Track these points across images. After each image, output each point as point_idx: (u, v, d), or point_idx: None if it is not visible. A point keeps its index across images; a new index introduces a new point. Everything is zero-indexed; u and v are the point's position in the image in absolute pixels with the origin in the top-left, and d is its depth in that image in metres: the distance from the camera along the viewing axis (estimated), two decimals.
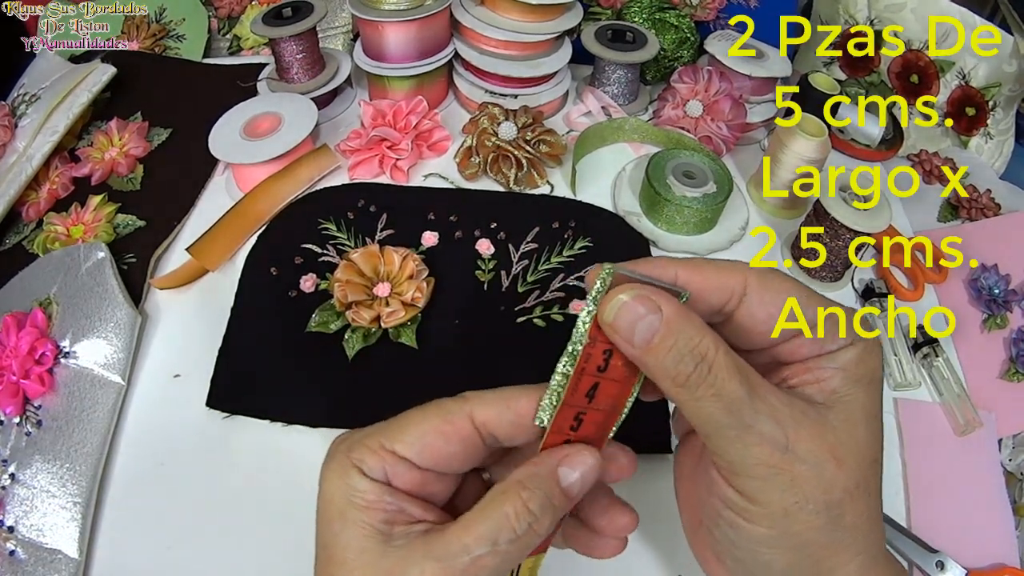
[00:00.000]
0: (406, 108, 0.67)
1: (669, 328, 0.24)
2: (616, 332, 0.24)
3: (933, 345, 0.55)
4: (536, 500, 0.25)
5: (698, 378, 0.24)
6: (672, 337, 0.24)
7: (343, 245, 0.58)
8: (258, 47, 0.80)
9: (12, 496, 0.46)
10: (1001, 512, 0.49)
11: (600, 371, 0.26)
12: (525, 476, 0.26)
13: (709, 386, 0.24)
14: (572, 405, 0.26)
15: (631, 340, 0.24)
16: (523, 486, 0.25)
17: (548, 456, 0.27)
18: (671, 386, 0.25)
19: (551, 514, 0.25)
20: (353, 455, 0.26)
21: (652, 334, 0.24)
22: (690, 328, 0.24)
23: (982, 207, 0.67)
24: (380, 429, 0.27)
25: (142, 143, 0.66)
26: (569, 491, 0.26)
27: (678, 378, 0.24)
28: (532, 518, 0.25)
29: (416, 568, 0.24)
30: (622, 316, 0.24)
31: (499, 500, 0.25)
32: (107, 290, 0.52)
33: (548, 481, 0.26)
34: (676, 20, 0.76)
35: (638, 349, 0.24)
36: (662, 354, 0.24)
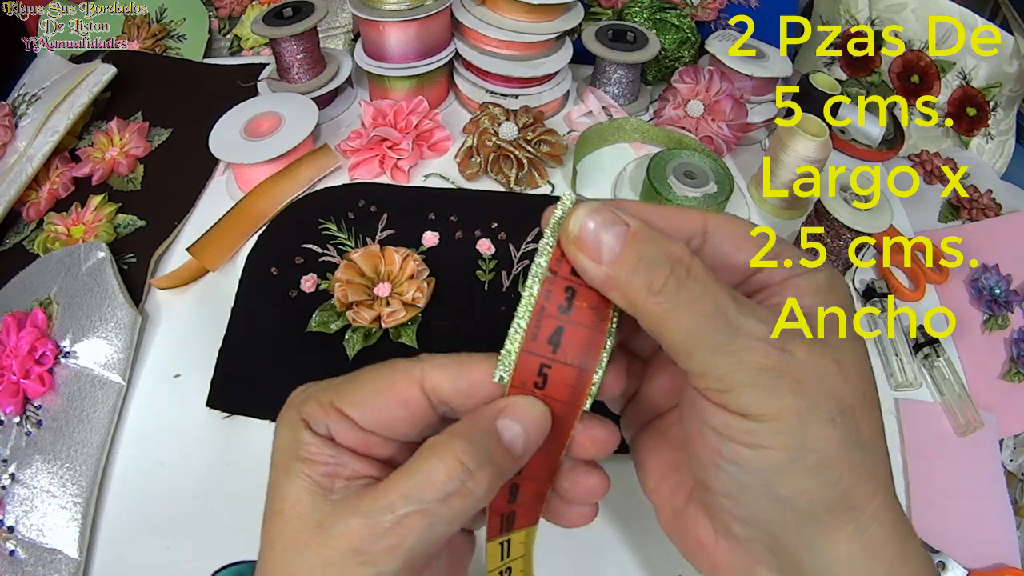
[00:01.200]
0: (407, 108, 0.67)
1: (637, 236, 0.22)
2: (581, 246, 0.22)
3: (934, 345, 0.55)
4: (471, 454, 0.22)
5: (676, 281, 0.22)
6: (641, 245, 0.22)
7: (344, 245, 0.58)
8: (259, 47, 0.80)
9: (12, 496, 0.46)
10: (1002, 512, 0.49)
11: (563, 311, 0.23)
12: (460, 428, 0.24)
13: (689, 288, 0.22)
14: (534, 353, 0.23)
15: (598, 253, 0.22)
16: (456, 438, 0.23)
17: (488, 408, 0.24)
18: (646, 297, 0.22)
19: (490, 472, 0.23)
20: (303, 409, 0.25)
21: (621, 244, 0.22)
22: (659, 236, 0.23)
23: (983, 207, 0.67)
24: (334, 385, 0.25)
25: (142, 143, 0.66)
26: (511, 447, 0.24)
27: (654, 284, 0.22)
28: (465, 474, 0.22)
29: (342, 523, 0.22)
30: (588, 227, 0.22)
31: (428, 453, 0.23)
32: (107, 290, 0.52)
33: (486, 434, 0.23)
34: (677, 20, 0.76)
35: (606, 262, 0.22)
36: (633, 263, 0.22)
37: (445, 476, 0.22)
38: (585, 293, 0.24)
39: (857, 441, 0.22)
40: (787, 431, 0.22)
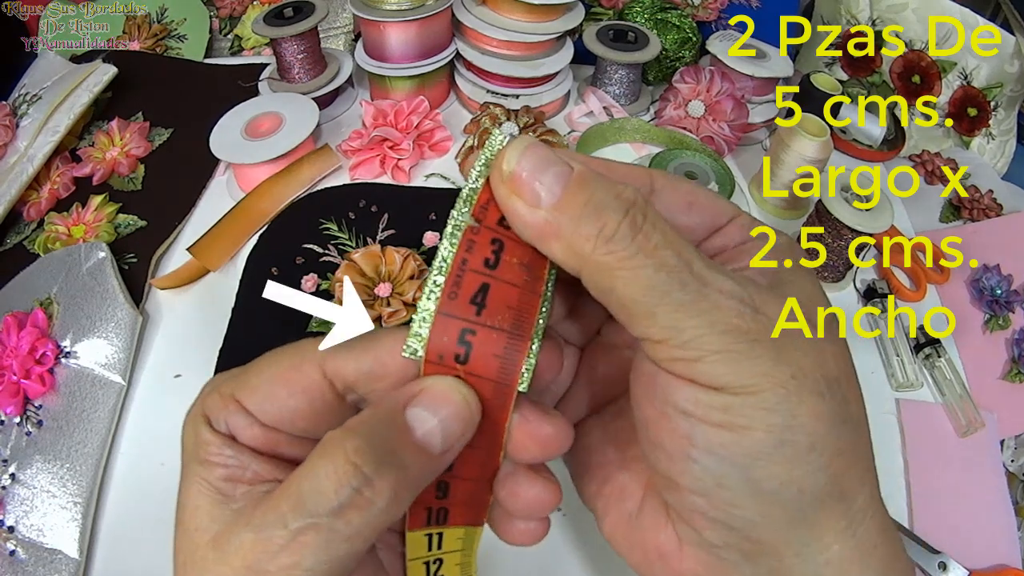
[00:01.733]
0: (407, 108, 0.67)
1: (581, 177, 0.19)
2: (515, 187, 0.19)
3: (935, 345, 0.55)
4: (366, 455, 0.18)
5: (631, 227, 0.18)
6: (587, 187, 0.19)
7: (344, 245, 0.58)
8: (259, 47, 0.80)
9: (12, 496, 0.46)
10: (1003, 513, 0.49)
11: (489, 267, 0.19)
12: (357, 421, 0.19)
13: (647, 235, 0.18)
14: (453, 315, 0.19)
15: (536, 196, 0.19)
16: (351, 434, 0.18)
17: (396, 394, 0.20)
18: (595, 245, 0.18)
19: (394, 477, 0.18)
20: (207, 402, 0.21)
21: (562, 185, 0.18)
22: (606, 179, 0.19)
23: (984, 208, 0.67)
24: (239, 372, 0.22)
25: (143, 143, 0.66)
26: (427, 444, 0.19)
27: (605, 230, 0.18)
28: (361, 481, 0.18)
29: (237, 538, 0.19)
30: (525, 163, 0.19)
31: (317, 454, 0.18)
32: (108, 290, 0.52)
33: (390, 428, 0.19)
34: (678, 20, 0.76)
35: (546, 206, 0.18)
36: (578, 207, 0.18)
37: (335, 483, 0.18)
38: (515, 247, 0.20)
39: (846, 416, 0.19)
40: (770, 405, 0.18)
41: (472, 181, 0.20)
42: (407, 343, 0.19)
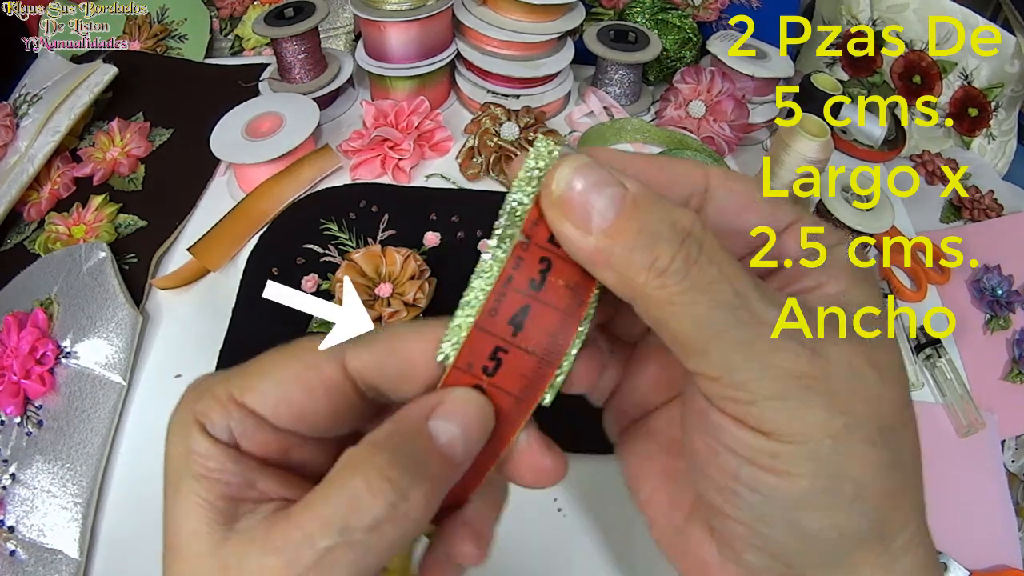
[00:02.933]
0: (408, 108, 0.67)
1: (637, 202, 0.18)
2: (566, 210, 0.18)
3: (936, 346, 0.55)
4: (400, 469, 0.18)
5: (686, 260, 0.17)
6: (642, 213, 0.18)
7: (345, 245, 0.58)
8: (260, 47, 0.80)
9: (13, 496, 0.46)
10: (1004, 513, 0.49)
11: (533, 287, 0.19)
12: (383, 436, 0.19)
13: (702, 269, 0.17)
14: (489, 332, 0.19)
15: (587, 220, 0.18)
16: (379, 449, 0.18)
17: (414, 407, 0.19)
18: (648, 278, 0.17)
19: (425, 488, 0.18)
20: (198, 406, 0.20)
21: (616, 210, 0.18)
22: (663, 203, 0.18)
23: (985, 208, 0.67)
24: (235, 373, 0.20)
25: (144, 143, 0.66)
26: (449, 452, 0.19)
27: (659, 262, 0.17)
28: (395, 495, 0.17)
29: (254, 563, 0.17)
30: (575, 187, 0.18)
31: (347, 471, 0.18)
32: (108, 290, 0.52)
33: (415, 440, 0.19)
34: (678, 20, 0.76)
35: (597, 232, 0.18)
36: (631, 235, 0.17)
37: (371, 500, 0.17)
38: (564, 267, 0.19)
39: (897, 463, 0.19)
40: (819, 456, 0.18)
41: (519, 192, 0.19)
42: (442, 348, 0.19)
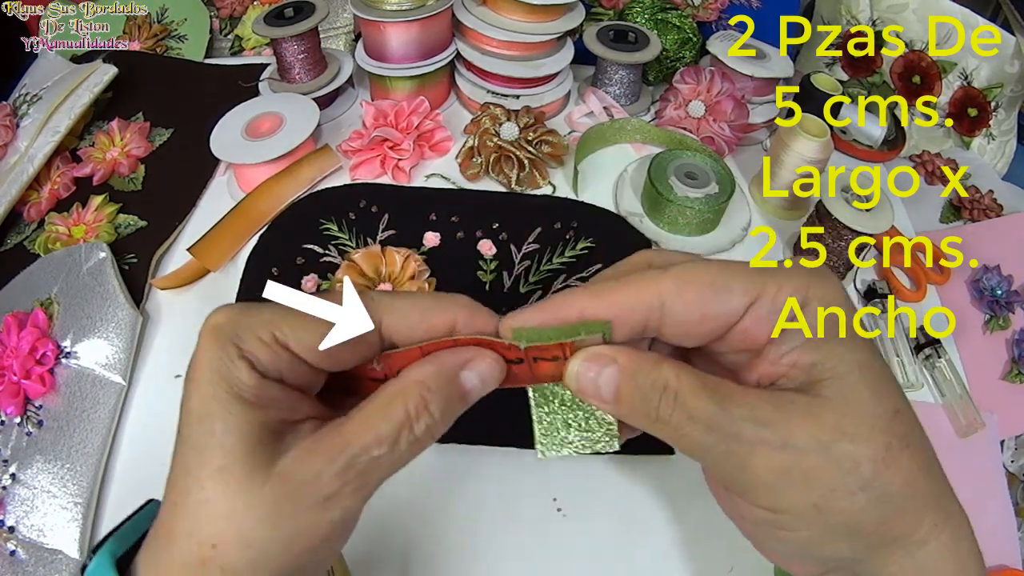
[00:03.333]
0: (408, 108, 0.67)
1: (626, 373, 0.24)
2: (586, 395, 0.25)
3: (935, 346, 0.55)
4: (437, 402, 0.24)
5: (667, 408, 0.23)
6: (633, 380, 0.24)
7: (345, 245, 0.58)
8: (260, 47, 0.80)
9: (13, 496, 0.46)
10: (1003, 513, 0.49)
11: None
12: (429, 376, 0.24)
13: (681, 412, 0.23)
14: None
15: (600, 396, 0.24)
16: (425, 386, 0.24)
17: (453, 356, 0.25)
18: (650, 425, 0.24)
19: (450, 418, 0.24)
20: (245, 346, 0.23)
21: (614, 385, 0.24)
22: (647, 365, 0.24)
23: (984, 208, 0.67)
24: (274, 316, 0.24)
25: (143, 143, 0.66)
26: (468, 396, 0.25)
27: (650, 414, 0.24)
28: (431, 419, 0.24)
29: (311, 470, 0.22)
30: (584, 380, 0.24)
31: (399, 399, 0.23)
32: (108, 290, 0.52)
33: (451, 384, 0.24)
34: (678, 20, 0.76)
35: (611, 403, 0.24)
36: (629, 399, 0.24)
37: (415, 420, 0.23)
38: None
39: (887, 495, 0.23)
40: (811, 519, 0.23)
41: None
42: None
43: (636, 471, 0.48)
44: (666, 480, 0.48)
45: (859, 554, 0.23)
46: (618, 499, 0.47)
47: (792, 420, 0.23)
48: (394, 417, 0.23)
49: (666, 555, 0.45)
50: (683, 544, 0.45)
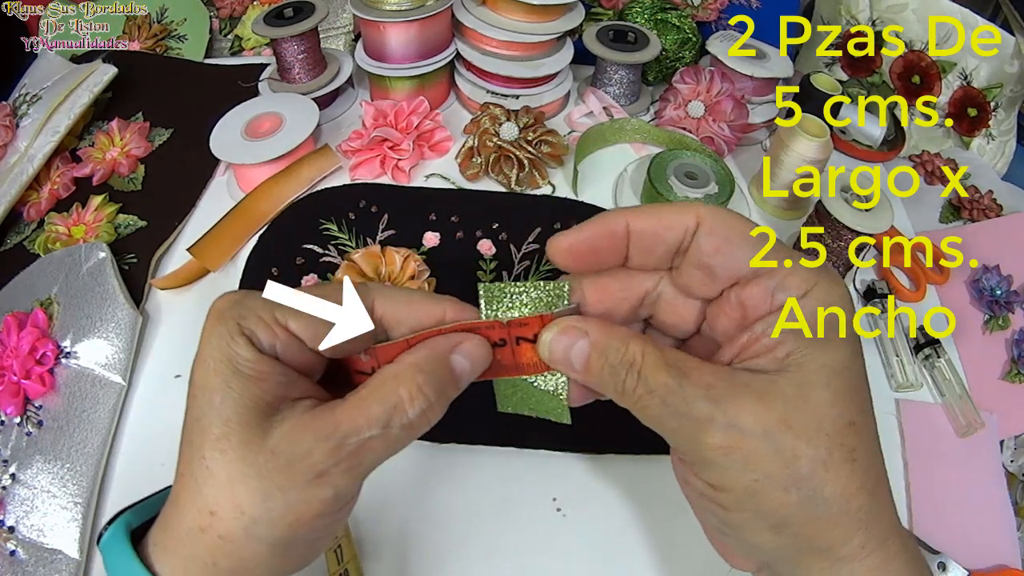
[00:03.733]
0: (407, 108, 0.67)
1: (596, 348, 0.25)
2: (558, 365, 0.26)
3: (935, 346, 0.55)
4: (431, 385, 0.24)
5: (631, 383, 0.24)
6: (602, 355, 0.25)
7: (344, 245, 0.58)
8: (259, 47, 0.80)
9: (13, 496, 0.46)
10: (1002, 513, 0.49)
11: None
12: (421, 360, 0.25)
13: (643, 387, 0.24)
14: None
15: (572, 368, 0.25)
16: (419, 369, 0.24)
17: (443, 340, 0.26)
18: (616, 395, 0.25)
19: (444, 402, 0.25)
20: (245, 324, 0.24)
21: (584, 358, 0.25)
22: (616, 341, 0.25)
23: (984, 208, 0.67)
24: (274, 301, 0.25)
25: (143, 143, 0.66)
26: (460, 379, 0.26)
27: (618, 387, 0.25)
28: (426, 403, 0.24)
29: (302, 447, 0.23)
30: (556, 350, 0.25)
31: (393, 382, 0.24)
32: (108, 290, 0.52)
33: (443, 367, 0.25)
34: (678, 21, 0.76)
35: (580, 373, 0.25)
36: (598, 372, 0.25)
37: (410, 404, 0.24)
38: None
39: (818, 499, 0.23)
40: (743, 501, 0.24)
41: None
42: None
43: (636, 471, 0.48)
44: (666, 480, 0.47)
45: (783, 551, 0.24)
46: (618, 499, 0.47)
47: (742, 402, 0.23)
48: (388, 399, 0.24)
49: (666, 555, 0.45)
50: (683, 544, 0.45)
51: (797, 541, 0.24)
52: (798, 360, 0.24)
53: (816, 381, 0.24)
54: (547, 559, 0.45)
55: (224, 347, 0.24)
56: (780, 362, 0.24)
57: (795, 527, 0.24)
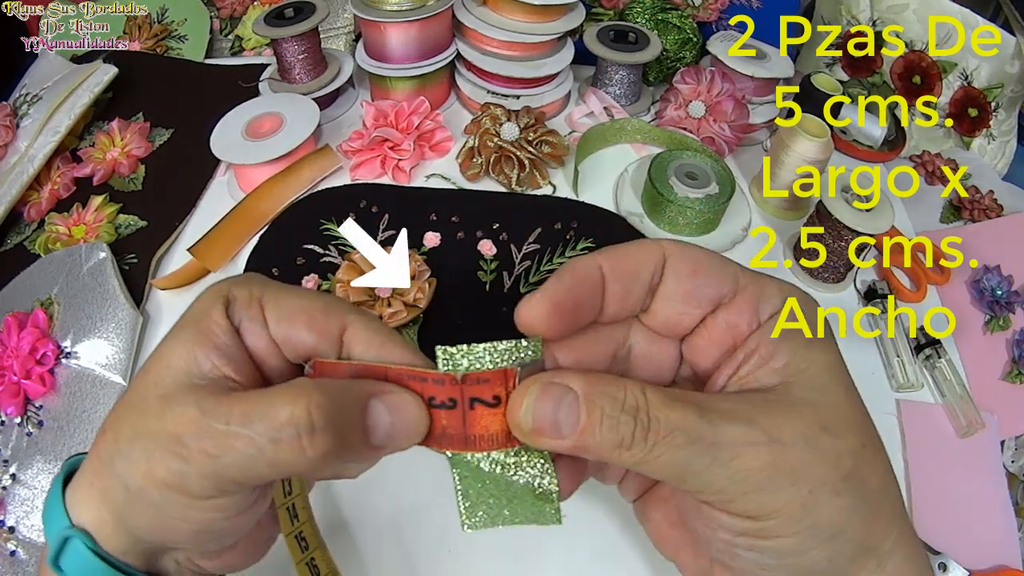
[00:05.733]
0: (408, 108, 0.67)
1: (588, 400, 0.22)
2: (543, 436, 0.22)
3: (935, 346, 0.55)
4: (324, 413, 0.21)
5: (642, 432, 0.21)
6: (596, 407, 0.21)
7: (345, 246, 0.58)
8: (260, 47, 0.80)
9: (13, 496, 0.46)
10: (1003, 514, 0.49)
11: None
12: (332, 384, 0.22)
13: (656, 431, 0.21)
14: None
15: (561, 434, 0.21)
16: (323, 391, 0.21)
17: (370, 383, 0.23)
18: (620, 454, 0.21)
19: (332, 441, 0.21)
20: (235, 291, 0.24)
21: (575, 415, 0.21)
22: (610, 387, 0.22)
23: (984, 208, 0.67)
24: (270, 283, 0.25)
25: (144, 143, 0.66)
26: (372, 433, 0.22)
27: (624, 442, 0.21)
28: (306, 428, 0.20)
29: (181, 407, 0.22)
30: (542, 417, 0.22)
31: (288, 388, 0.22)
32: (108, 290, 0.52)
33: (352, 405, 0.22)
34: (678, 21, 0.76)
35: (570, 439, 0.21)
36: (597, 429, 0.21)
37: (286, 418, 0.21)
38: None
39: (865, 496, 0.22)
40: (796, 520, 0.21)
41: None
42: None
43: None
44: None
45: (837, 562, 0.22)
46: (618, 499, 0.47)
47: (773, 416, 0.22)
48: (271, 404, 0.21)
49: None
50: None
51: (851, 547, 0.22)
52: (800, 366, 0.23)
53: (827, 380, 0.23)
54: (547, 559, 0.44)
55: (207, 303, 0.24)
56: (781, 372, 0.23)
57: (850, 531, 0.22)
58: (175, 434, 0.21)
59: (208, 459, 0.21)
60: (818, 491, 0.21)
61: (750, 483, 0.21)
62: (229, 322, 0.24)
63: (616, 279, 0.24)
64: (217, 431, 0.21)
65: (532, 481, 0.23)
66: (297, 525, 0.29)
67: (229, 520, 0.23)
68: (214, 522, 0.23)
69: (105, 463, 0.23)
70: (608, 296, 0.24)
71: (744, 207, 0.65)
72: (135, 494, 0.22)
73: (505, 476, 0.23)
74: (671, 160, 0.63)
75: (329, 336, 0.24)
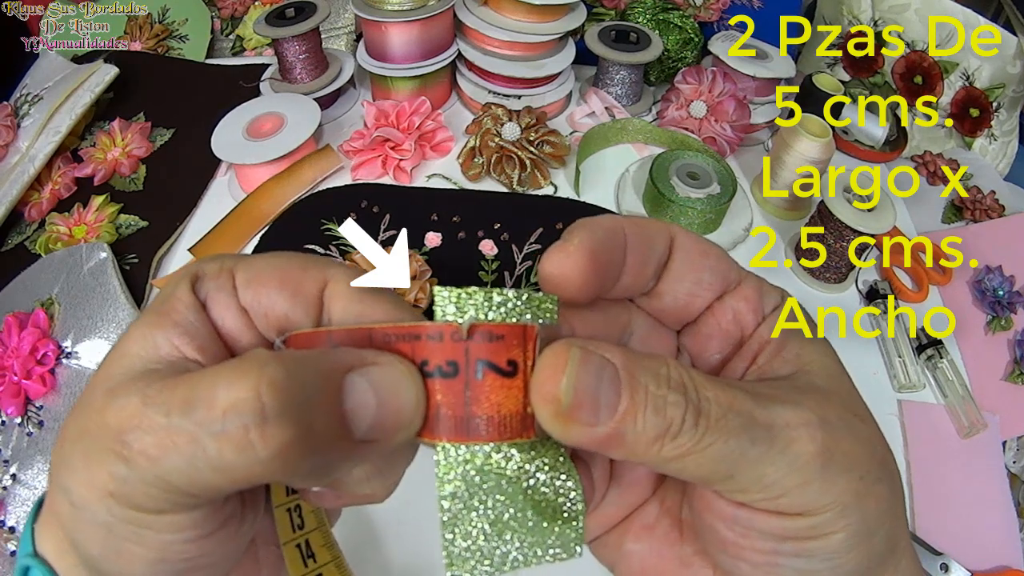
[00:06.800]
0: (409, 108, 0.67)
1: (632, 375, 0.17)
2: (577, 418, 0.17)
3: (937, 346, 0.55)
4: (278, 395, 0.15)
5: (693, 415, 0.17)
6: (641, 385, 0.17)
7: (346, 246, 0.58)
8: (261, 47, 0.80)
9: (14, 496, 0.46)
10: (1005, 514, 0.49)
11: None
12: (291, 356, 0.16)
13: (709, 416, 0.17)
14: None
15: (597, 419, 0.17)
16: (275, 364, 0.16)
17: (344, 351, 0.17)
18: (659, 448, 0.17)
19: (292, 433, 0.15)
20: (203, 265, 0.20)
21: (616, 393, 0.17)
22: (651, 361, 0.18)
23: (986, 208, 0.67)
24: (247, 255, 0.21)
25: (144, 143, 0.66)
26: (350, 419, 0.16)
27: (672, 429, 0.17)
28: (254, 418, 0.15)
29: (124, 399, 0.17)
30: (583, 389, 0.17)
31: (233, 363, 0.16)
32: (109, 290, 0.52)
33: (323, 384, 0.16)
34: (680, 21, 0.76)
35: (607, 425, 0.17)
36: (641, 413, 0.17)
37: (228, 405, 0.15)
38: None
39: (896, 486, 0.20)
40: (848, 511, 0.19)
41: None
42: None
43: None
44: None
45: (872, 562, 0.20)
46: None
47: (814, 398, 0.19)
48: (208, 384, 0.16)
49: None
50: None
51: (885, 543, 0.20)
52: (812, 356, 0.21)
53: (837, 372, 0.21)
54: None
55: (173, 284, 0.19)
56: (794, 362, 0.21)
57: (889, 524, 0.20)
58: (116, 430, 0.16)
59: (149, 462, 0.16)
60: (867, 478, 0.19)
61: (808, 471, 0.18)
62: (194, 297, 0.19)
63: (635, 247, 0.20)
64: (158, 425, 0.16)
65: (550, 493, 0.17)
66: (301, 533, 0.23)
67: (194, 544, 0.18)
68: (173, 546, 0.17)
69: (53, 475, 0.19)
70: (629, 262, 0.20)
71: (745, 207, 0.65)
72: (80, 510, 0.17)
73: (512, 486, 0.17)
74: (672, 160, 0.63)
75: (305, 297, 0.19)
